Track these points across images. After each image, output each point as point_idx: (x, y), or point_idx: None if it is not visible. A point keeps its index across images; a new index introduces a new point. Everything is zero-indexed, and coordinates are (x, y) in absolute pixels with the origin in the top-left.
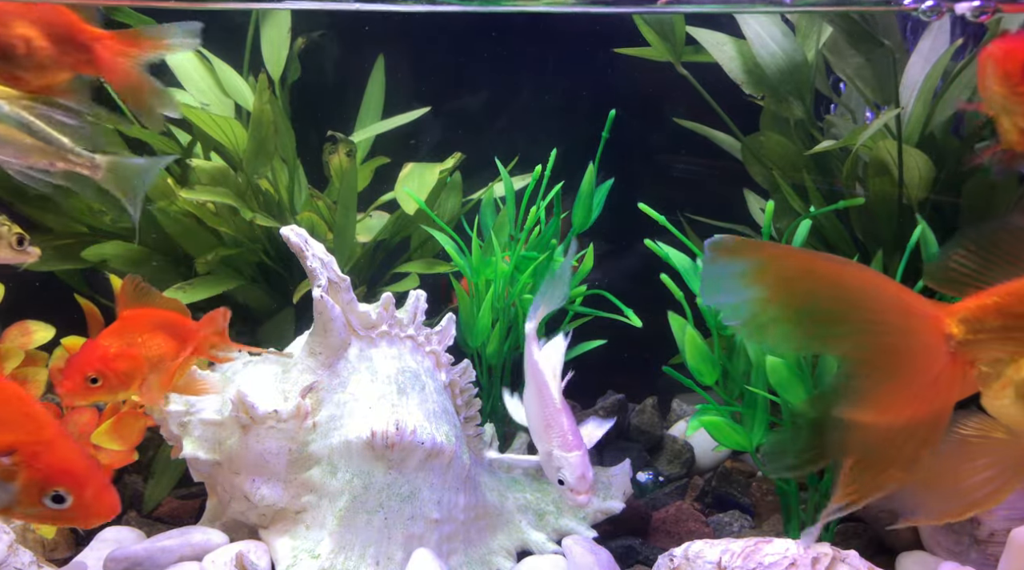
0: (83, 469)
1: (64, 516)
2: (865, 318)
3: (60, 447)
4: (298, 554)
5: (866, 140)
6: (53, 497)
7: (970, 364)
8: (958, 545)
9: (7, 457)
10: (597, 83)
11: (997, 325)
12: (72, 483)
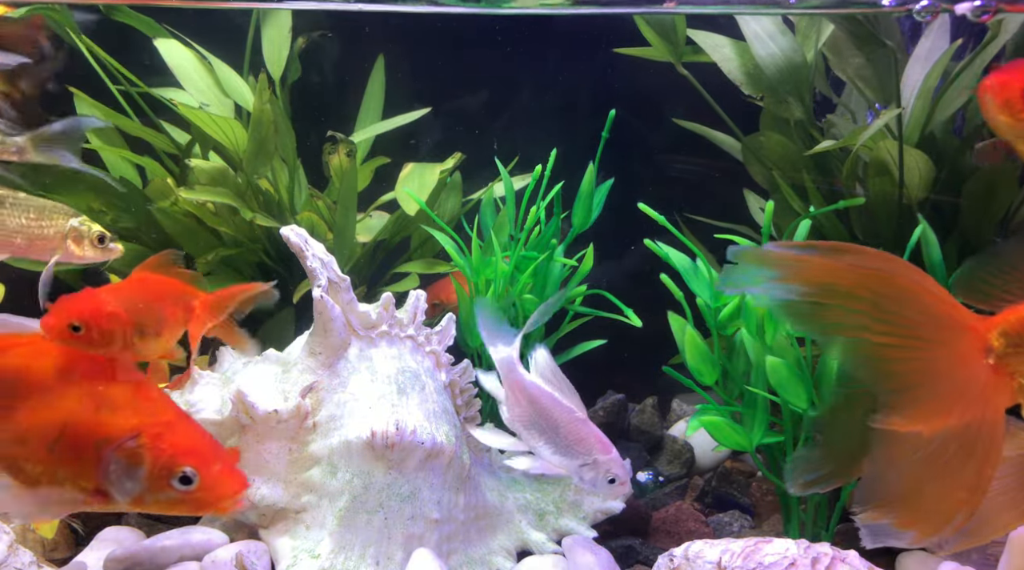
0: (207, 447)
1: (193, 499)
2: (905, 330)
3: (182, 427)
4: (298, 554)
5: (866, 140)
6: (181, 478)
7: (1010, 376)
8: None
9: (132, 440)
10: (597, 83)
11: None
12: (198, 461)
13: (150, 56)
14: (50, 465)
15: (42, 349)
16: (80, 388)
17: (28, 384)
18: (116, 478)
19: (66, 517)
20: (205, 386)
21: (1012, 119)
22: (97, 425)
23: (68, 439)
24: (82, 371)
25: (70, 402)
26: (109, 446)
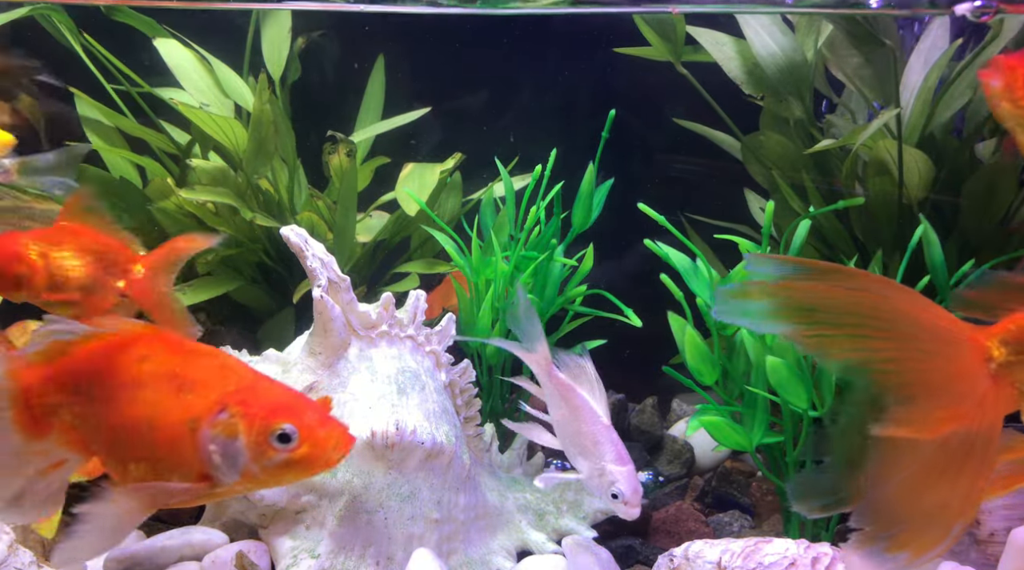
0: (297, 401)
1: (299, 458)
2: (904, 345)
3: (267, 388)
4: (298, 554)
5: (866, 140)
6: (279, 437)
7: (1011, 384)
8: (958, 545)
9: (223, 414)
10: (597, 83)
11: None
12: (292, 416)
13: (150, 56)
14: (150, 461)
15: (113, 345)
16: (157, 375)
17: (110, 385)
18: (217, 457)
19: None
20: None
21: (1013, 106)
22: (184, 408)
23: (160, 430)
24: (153, 357)
25: (151, 392)
26: (201, 426)
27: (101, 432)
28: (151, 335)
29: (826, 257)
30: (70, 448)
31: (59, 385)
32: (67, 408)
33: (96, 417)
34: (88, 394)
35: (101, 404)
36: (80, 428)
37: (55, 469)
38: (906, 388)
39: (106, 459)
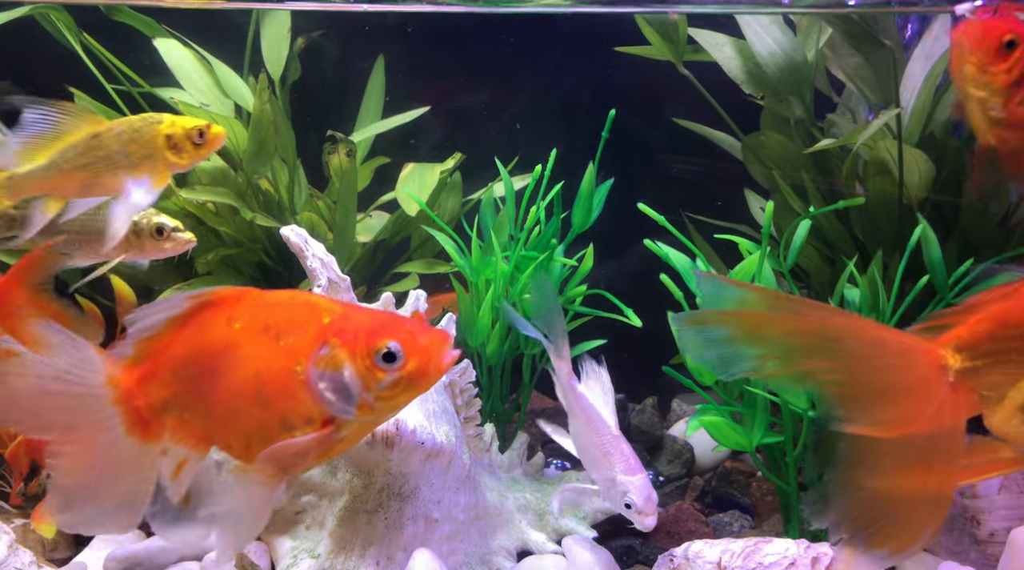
0: (389, 318)
1: (410, 373)
2: (860, 364)
3: (356, 313)
4: (298, 554)
5: (866, 140)
6: (385, 356)
7: (971, 390)
8: (958, 545)
9: (323, 349)
10: (597, 83)
11: (992, 349)
12: (390, 332)
13: (150, 56)
14: (269, 424)
15: (198, 320)
16: (250, 331)
17: (208, 357)
18: (330, 394)
19: None
20: None
21: (977, 68)
22: (286, 355)
23: (268, 384)
24: (239, 315)
25: (249, 349)
26: (307, 367)
27: (213, 411)
28: (230, 296)
29: (827, 257)
30: (187, 443)
31: (160, 378)
32: (174, 400)
33: (204, 397)
34: (190, 377)
35: (205, 381)
36: (191, 418)
37: (180, 471)
38: (864, 404)
39: (225, 440)
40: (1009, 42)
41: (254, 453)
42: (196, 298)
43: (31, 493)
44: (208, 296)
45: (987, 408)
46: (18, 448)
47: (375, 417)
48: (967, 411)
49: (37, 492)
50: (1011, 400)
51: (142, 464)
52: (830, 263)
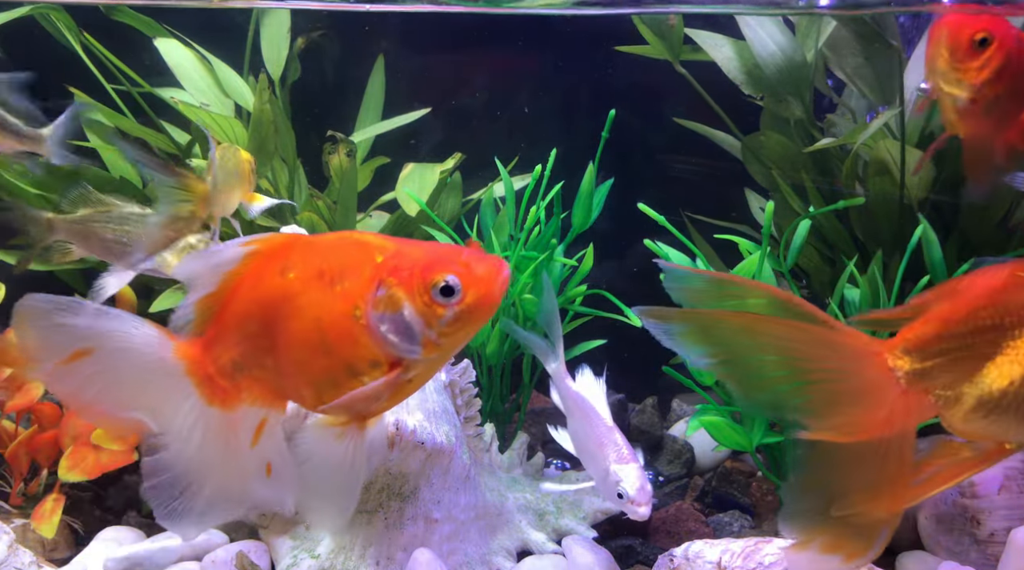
0: (446, 252)
1: (469, 304)
2: (811, 366)
3: (411, 249)
4: (298, 554)
5: (866, 139)
6: (442, 291)
7: (924, 392)
8: (958, 545)
9: (380, 290)
10: (597, 83)
11: (941, 350)
12: (446, 266)
13: (150, 56)
14: (337, 368)
15: (251, 275)
16: (305, 278)
17: (269, 311)
18: (392, 335)
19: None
20: None
21: (948, 65)
22: (343, 300)
23: (331, 329)
24: (293, 264)
25: (307, 297)
26: (366, 310)
27: (280, 364)
28: (280, 243)
29: (827, 257)
30: (263, 401)
31: (225, 340)
32: (242, 359)
33: (270, 351)
34: (253, 333)
35: (268, 335)
36: (262, 374)
37: (260, 435)
38: (816, 409)
39: (297, 392)
40: (982, 40)
41: (327, 402)
42: (246, 245)
43: (31, 493)
44: (258, 244)
45: (946, 409)
46: (18, 448)
47: (441, 354)
48: (919, 415)
49: (37, 492)
50: (968, 397)
51: (231, 435)
52: (830, 263)
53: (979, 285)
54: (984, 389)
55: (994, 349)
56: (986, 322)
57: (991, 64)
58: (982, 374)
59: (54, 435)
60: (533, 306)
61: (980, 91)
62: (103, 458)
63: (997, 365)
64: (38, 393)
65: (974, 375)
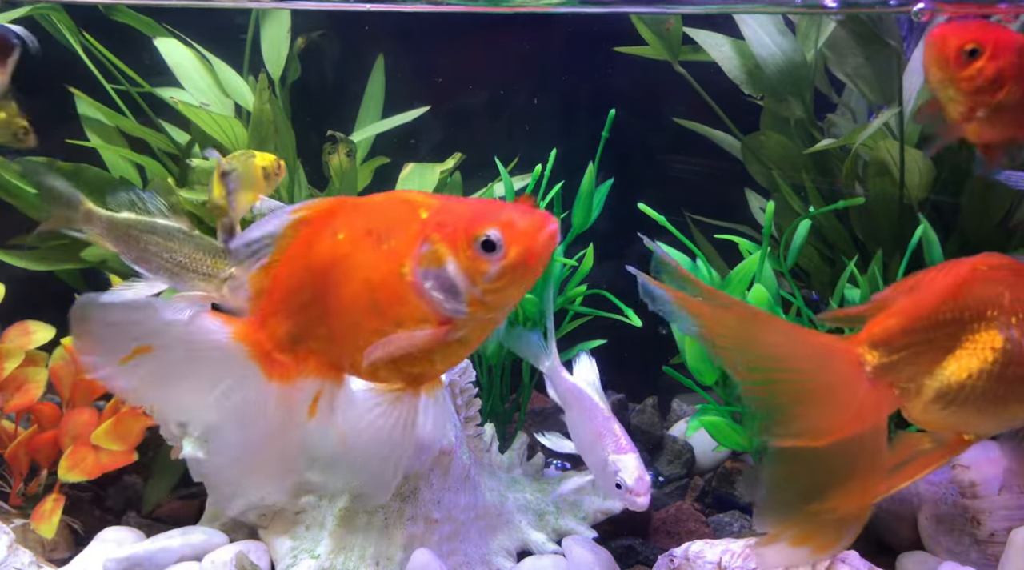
0: (491, 206)
1: (514, 259)
2: (786, 364)
3: (456, 205)
4: (298, 554)
5: (866, 140)
6: (484, 245)
7: (890, 385)
8: (958, 545)
9: (424, 247)
10: (597, 83)
11: (905, 343)
12: (489, 220)
13: (150, 55)
14: (388, 331)
15: (325, 240)
16: (354, 239)
17: (322, 275)
18: (437, 292)
19: (66, 517)
20: None
21: (941, 73)
22: (389, 258)
23: (379, 290)
24: (343, 225)
25: (356, 258)
26: (411, 267)
27: (335, 331)
28: (327, 207)
29: (827, 257)
30: (320, 374)
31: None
32: (298, 331)
33: (325, 319)
34: (307, 301)
35: (321, 301)
36: (317, 344)
37: (315, 406)
38: (790, 405)
39: (351, 360)
40: (971, 50)
41: (379, 372)
42: (295, 213)
43: (31, 493)
44: (306, 210)
45: (907, 400)
46: (18, 448)
47: (490, 313)
48: (887, 408)
49: (37, 492)
50: (928, 389)
51: (289, 409)
52: (830, 263)
53: (941, 280)
54: (943, 382)
55: (954, 343)
56: (946, 316)
57: (985, 72)
58: (942, 367)
59: (54, 435)
60: (533, 306)
61: (977, 99)
62: (103, 458)
63: (956, 358)
64: (38, 393)
65: (934, 368)
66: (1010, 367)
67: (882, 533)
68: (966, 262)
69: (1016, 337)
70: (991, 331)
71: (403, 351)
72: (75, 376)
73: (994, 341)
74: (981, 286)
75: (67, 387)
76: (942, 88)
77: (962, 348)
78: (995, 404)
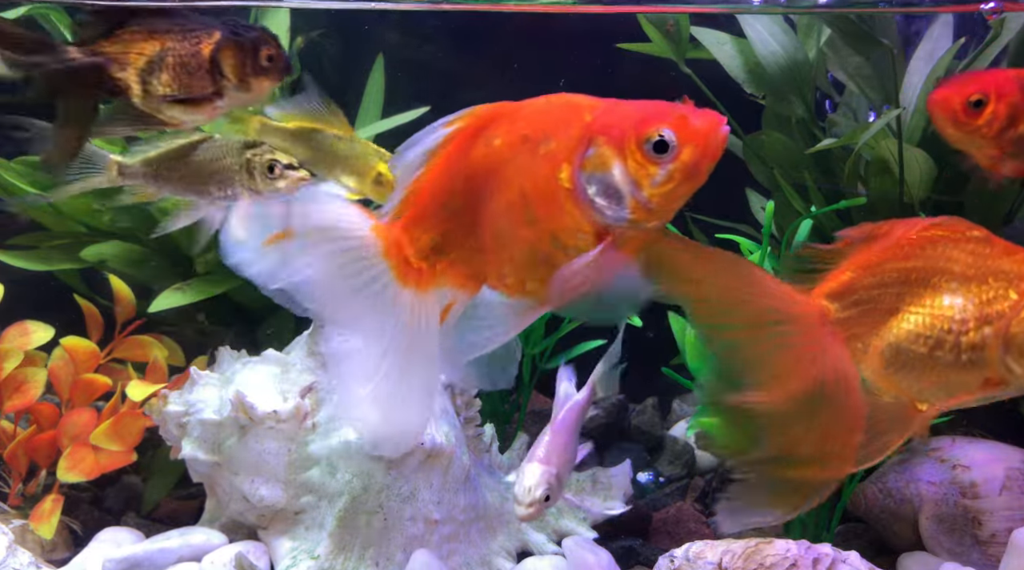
0: (656, 105)
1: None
2: (751, 309)
3: (620, 106)
4: (297, 555)
5: (868, 139)
6: (656, 146)
7: (853, 338)
8: (959, 546)
9: (590, 149)
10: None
11: (857, 299)
12: (659, 119)
13: None
14: (541, 241)
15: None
16: (510, 144)
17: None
18: (601, 198)
19: (65, 518)
20: (204, 387)
21: (958, 131)
22: (548, 163)
23: (537, 200)
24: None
25: (512, 165)
26: (573, 173)
27: (483, 242)
28: (484, 113)
29: None
30: (457, 284)
31: (427, 220)
32: (443, 240)
33: (473, 231)
34: (457, 210)
35: (473, 212)
36: (461, 255)
37: (445, 316)
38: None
39: (498, 272)
40: (977, 101)
41: (526, 284)
42: (451, 123)
43: (30, 494)
44: (463, 119)
45: (860, 360)
46: (17, 448)
47: (651, 220)
48: (851, 364)
49: (36, 492)
50: (874, 350)
51: (420, 317)
52: None
53: (892, 236)
54: (887, 342)
55: (898, 303)
56: (892, 276)
57: (998, 114)
58: (887, 327)
59: (53, 435)
60: None
61: (1002, 139)
62: (102, 459)
63: (899, 320)
64: (37, 393)
65: (880, 328)
66: (952, 335)
67: (883, 533)
68: (921, 222)
69: (961, 305)
70: (937, 296)
71: (585, 278)
72: (74, 376)
73: (938, 307)
74: (932, 248)
75: (66, 387)
76: (965, 142)
77: (906, 310)
78: (940, 371)
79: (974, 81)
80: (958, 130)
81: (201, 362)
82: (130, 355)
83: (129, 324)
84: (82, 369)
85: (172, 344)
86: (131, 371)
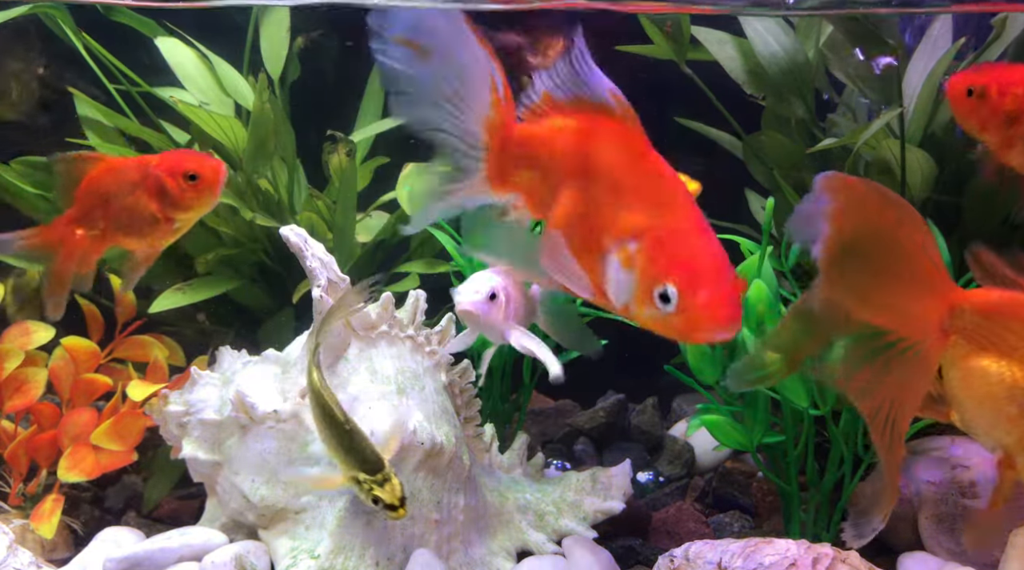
0: (703, 268)
1: (670, 322)
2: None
3: (690, 238)
4: (297, 555)
5: (868, 139)
6: (661, 295)
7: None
8: (959, 546)
9: (632, 242)
10: None
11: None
12: (685, 280)
13: (150, 55)
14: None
15: (580, 131)
16: (601, 175)
17: (564, 164)
18: (612, 279)
19: (66, 517)
20: (204, 386)
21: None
22: (604, 224)
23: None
24: (606, 154)
25: (593, 191)
26: (609, 246)
27: (547, 203)
28: (610, 128)
29: None
30: (524, 209)
31: (531, 151)
32: (527, 170)
33: (546, 189)
34: (545, 167)
35: (552, 180)
36: (538, 190)
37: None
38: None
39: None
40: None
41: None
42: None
43: (30, 493)
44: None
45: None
46: (17, 448)
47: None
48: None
49: (36, 492)
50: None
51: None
52: None
53: None
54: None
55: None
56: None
57: (1003, 106)
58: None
59: (53, 435)
60: None
61: (1007, 132)
62: (102, 458)
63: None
64: (37, 393)
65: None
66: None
67: (883, 533)
68: None
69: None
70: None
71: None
72: (75, 376)
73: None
74: None
75: (67, 387)
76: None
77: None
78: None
79: (980, 74)
80: (965, 117)
81: (201, 362)
82: (131, 355)
83: (130, 324)
84: (83, 369)
85: (172, 344)
86: (132, 371)
